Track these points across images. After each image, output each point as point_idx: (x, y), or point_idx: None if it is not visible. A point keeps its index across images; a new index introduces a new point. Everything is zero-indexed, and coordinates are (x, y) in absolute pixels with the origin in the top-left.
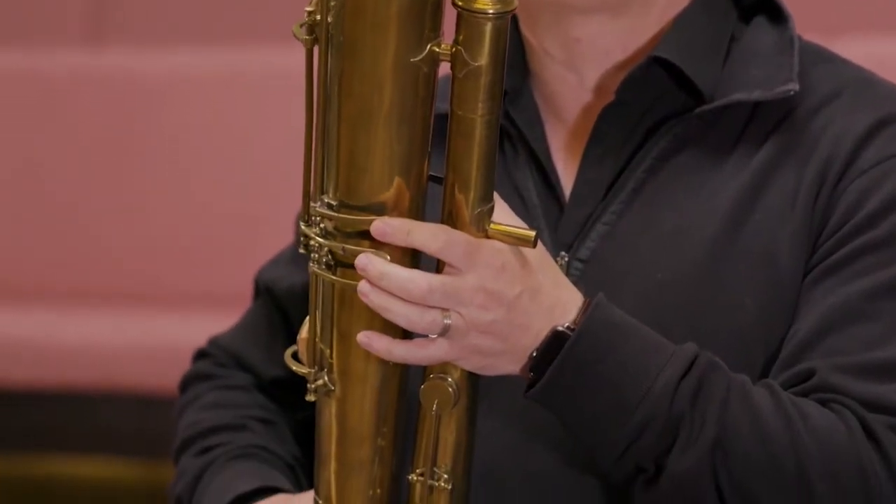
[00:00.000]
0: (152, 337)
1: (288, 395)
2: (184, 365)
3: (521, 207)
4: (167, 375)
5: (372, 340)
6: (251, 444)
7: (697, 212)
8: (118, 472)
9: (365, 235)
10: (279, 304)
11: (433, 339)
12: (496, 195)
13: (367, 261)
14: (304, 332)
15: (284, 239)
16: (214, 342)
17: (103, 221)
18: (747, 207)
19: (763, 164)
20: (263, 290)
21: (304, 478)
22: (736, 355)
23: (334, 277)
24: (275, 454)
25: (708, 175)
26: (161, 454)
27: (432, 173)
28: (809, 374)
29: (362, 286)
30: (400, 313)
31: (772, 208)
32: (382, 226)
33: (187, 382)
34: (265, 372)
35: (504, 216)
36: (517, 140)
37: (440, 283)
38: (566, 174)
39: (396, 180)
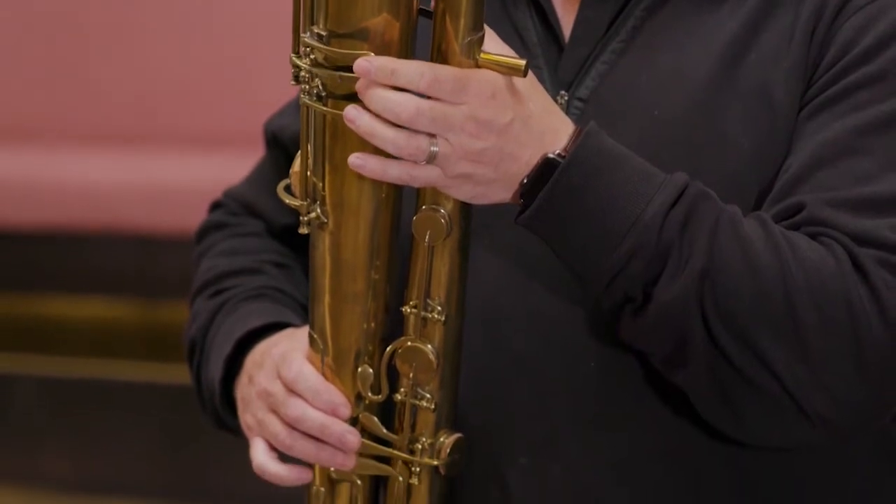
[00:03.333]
0: (150, 177)
1: (299, 240)
2: (182, 205)
3: (520, 47)
4: (165, 216)
5: (366, 161)
6: (265, 286)
7: (695, 51)
8: (114, 312)
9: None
10: (286, 151)
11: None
12: (486, 25)
13: (365, 63)
14: (296, 165)
15: (283, 79)
16: (227, 193)
17: (101, 61)
18: (744, 47)
19: (760, 2)
20: (271, 140)
21: None
22: (730, 195)
23: (325, 108)
24: (288, 295)
25: (706, 15)
26: (157, 295)
27: (423, 6)
28: (800, 208)
29: (349, 111)
30: (387, 138)
31: (768, 47)
32: (366, 64)
33: (202, 233)
34: (276, 219)
35: (494, 45)
36: None
37: (429, 106)
38: (565, 14)
39: (385, 10)
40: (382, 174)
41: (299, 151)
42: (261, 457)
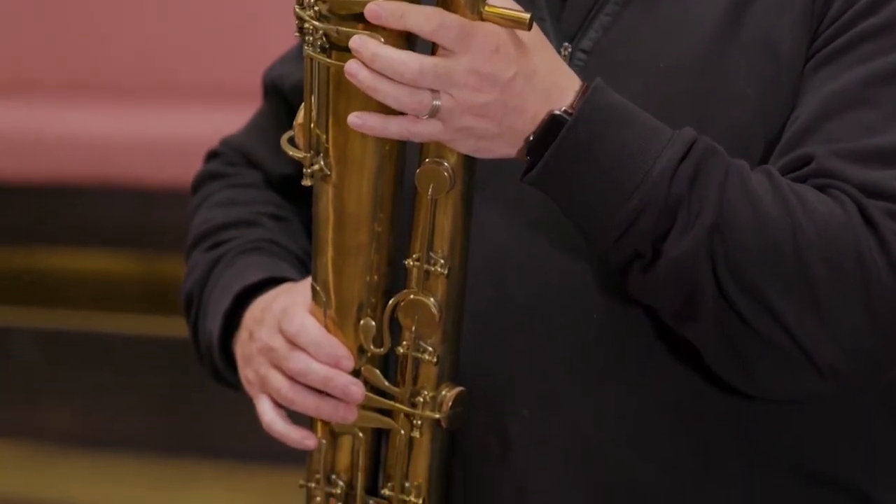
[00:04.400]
0: (151, 130)
1: (297, 192)
2: (180, 158)
3: None
4: (165, 169)
5: (365, 120)
6: (262, 239)
7: (700, 2)
8: (114, 265)
9: (359, 18)
10: (286, 100)
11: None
12: None
13: (361, 42)
14: (299, 117)
15: (284, 31)
16: (225, 142)
17: (101, 12)
18: None
19: None
20: (271, 88)
21: None
22: (736, 146)
23: (329, 60)
24: (285, 248)
25: None
26: (155, 247)
27: None
28: (808, 160)
29: (350, 66)
30: (389, 93)
31: None
32: (376, 8)
33: (199, 183)
34: (274, 169)
35: None
36: None
37: (432, 64)
38: None
39: None
40: (383, 131)
41: (303, 103)
42: (269, 414)
